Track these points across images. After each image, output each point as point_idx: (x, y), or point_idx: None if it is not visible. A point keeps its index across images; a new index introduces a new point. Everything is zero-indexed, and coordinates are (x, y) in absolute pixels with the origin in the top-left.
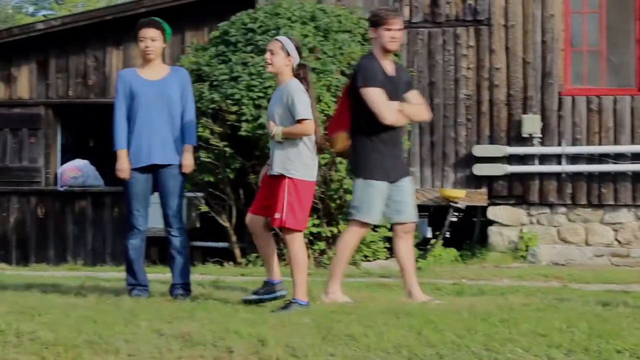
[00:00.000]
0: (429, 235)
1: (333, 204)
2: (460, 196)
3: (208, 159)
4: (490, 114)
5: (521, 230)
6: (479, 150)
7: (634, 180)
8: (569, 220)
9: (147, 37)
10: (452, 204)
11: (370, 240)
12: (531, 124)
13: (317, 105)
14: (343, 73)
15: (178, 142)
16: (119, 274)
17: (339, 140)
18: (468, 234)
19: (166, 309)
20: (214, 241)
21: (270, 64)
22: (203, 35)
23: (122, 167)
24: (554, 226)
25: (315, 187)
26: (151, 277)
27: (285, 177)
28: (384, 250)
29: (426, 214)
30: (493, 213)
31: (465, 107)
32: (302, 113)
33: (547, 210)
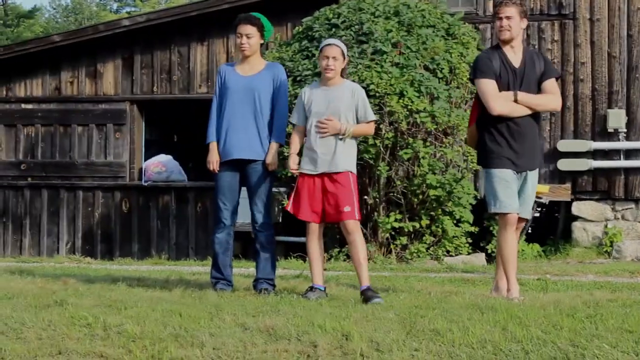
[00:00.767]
0: None
1: (415, 199)
2: (544, 191)
3: None
4: (575, 108)
5: (606, 226)
6: (563, 145)
7: None
8: None
9: (243, 34)
10: (535, 199)
11: (452, 236)
12: (616, 118)
13: (401, 100)
14: (426, 68)
15: (265, 138)
16: (202, 269)
17: (469, 133)
18: (551, 230)
19: (250, 303)
20: (296, 236)
21: (333, 69)
22: (286, 31)
23: (211, 158)
24: (639, 222)
25: (398, 182)
26: (235, 271)
27: (349, 172)
28: (466, 245)
29: None
30: (577, 208)
31: None
32: (373, 115)
33: (632, 205)
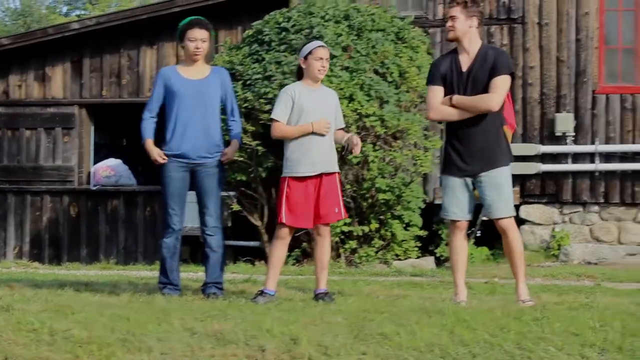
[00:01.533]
0: None
1: (365, 203)
2: None
3: (241, 157)
4: (524, 112)
5: (553, 229)
6: (511, 149)
7: None
8: (601, 218)
9: (198, 38)
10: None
11: (401, 239)
12: (564, 122)
13: (350, 104)
14: (376, 72)
15: (217, 141)
16: (151, 273)
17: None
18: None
19: (199, 308)
20: (245, 240)
21: (326, 71)
22: (236, 35)
23: (154, 154)
24: (587, 225)
25: (348, 186)
26: (183, 276)
27: (335, 173)
28: (415, 249)
29: None
30: (525, 212)
31: None
32: (343, 123)
33: (579, 209)
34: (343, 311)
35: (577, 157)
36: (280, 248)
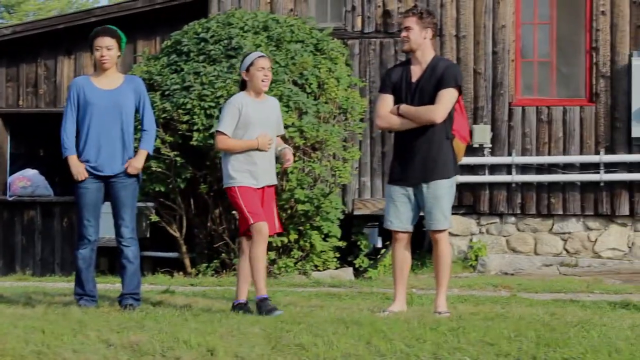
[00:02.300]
0: (379, 244)
1: (284, 214)
2: None
3: (159, 168)
4: None
5: (471, 240)
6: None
7: (583, 190)
8: (518, 229)
9: (102, 46)
10: None
11: (320, 250)
12: (481, 134)
13: None
14: (295, 83)
15: (131, 151)
16: (67, 285)
17: None
18: (418, 244)
19: (115, 319)
20: (163, 251)
21: (269, 80)
22: (155, 45)
23: (77, 170)
24: (504, 236)
25: None
26: (100, 287)
27: (273, 186)
28: (334, 260)
29: (376, 223)
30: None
31: None
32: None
33: (496, 220)
34: (260, 322)
35: (494, 169)
36: (244, 259)
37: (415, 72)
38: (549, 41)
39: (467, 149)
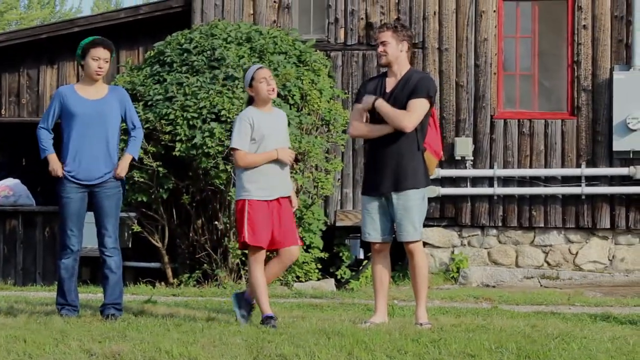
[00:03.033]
0: (361, 256)
1: None
2: None
3: (141, 178)
4: None
5: (452, 252)
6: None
7: (564, 203)
8: (499, 242)
9: (101, 58)
10: None
11: (302, 261)
12: (463, 146)
13: None
14: (278, 94)
15: (114, 162)
16: (49, 294)
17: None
18: (400, 255)
19: (97, 329)
20: (146, 261)
21: (274, 89)
22: (138, 55)
23: (55, 166)
24: (485, 248)
25: None
26: (82, 297)
27: (288, 197)
28: (316, 271)
29: (358, 235)
30: (425, 235)
31: None
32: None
33: (478, 232)
34: (242, 332)
35: (475, 181)
36: (260, 272)
37: (390, 84)
38: (531, 54)
39: (449, 161)
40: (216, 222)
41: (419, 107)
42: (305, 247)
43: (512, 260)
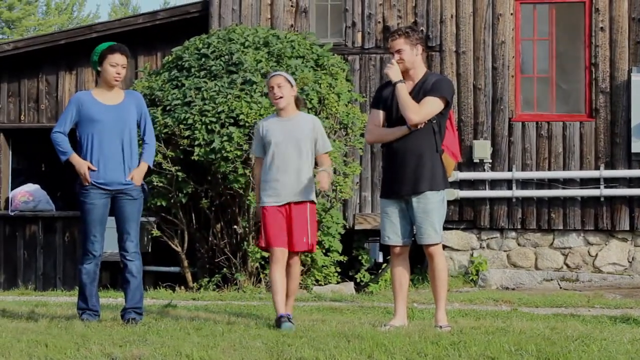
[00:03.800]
0: (380, 259)
1: None
2: None
3: (160, 183)
4: None
5: (472, 255)
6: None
7: (583, 205)
8: (518, 244)
9: (119, 64)
10: None
11: (321, 265)
12: (482, 149)
13: None
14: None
15: (134, 165)
16: (70, 299)
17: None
18: (419, 259)
19: (118, 333)
20: (165, 266)
21: (281, 97)
22: (156, 60)
23: (83, 169)
24: (504, 251)
25: None
26: (102, 301)
27: (307, 202)
28: (335, 274)
29: (377, 238)
30: (444, 237)
31: None
32: (330, 146)
33: (497, 234)
34: (262, 336)
35: (494, 184)
36: (277, 272)
37: (407, 87)
38: (548, 57)
39: (468, 164)
40: (235, 226)
41: (430, 104)
42: (324, 251)
43: (532, 263)
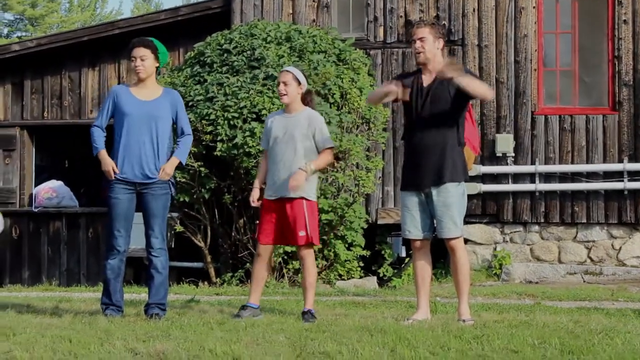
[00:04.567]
0: (403, 254)
1: None
2: None
3: (183, 179)
4: None
5: (495, 249)
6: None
7: (607, 198)
8: (542, 238)
9: (137, 56)
10: None
11: (344, 260)
12: (504, 143)
13: None
14: (318, 93)
15: (163, 163)
16: (93, 294)
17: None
18: (442, 253)
19: (141, 328)
20: (188, 261)
21: (285, 94)
22: (178, 56)
23: (107, 166)
24: (527, 244)
25: None
26: (126, 297)
27: (304, 199)
28: (358, 269)
29: (400, 232)
30: (467, 231)
31: None
32: (331, 142)
33: (520, 228)
34: (285, 330)
35: (517, 178)
36: (258, 265)
37: (426, 80)
38: (571, 50)
39: (491, 158)
40: (258, 221)
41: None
42: (347, 245)
43: (555, 257)
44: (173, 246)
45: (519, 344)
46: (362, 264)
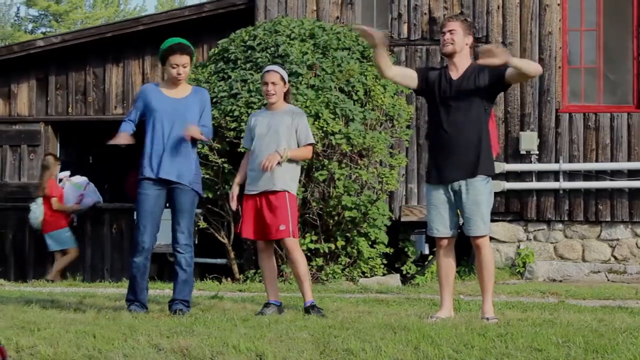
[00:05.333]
0: (427, 251)
1: (331, 221)
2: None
3: (207, 175)
4: None
5: (518, 247)
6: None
7: (631, 196)
8: (565, 236)
9: (179, 64)
10: None
11: (367, 257)
12: (529, 140)
13: (316, 122)
14: (342, 90)
15: (192, 160)
16: (117, 290)
17: None
18: (465, 250)
19: (165, 324)
20: (212, 257)
21: (274, 94)
22: (202, 52)
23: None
24: (551, 242)
25: (314, 204)
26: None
27: (286, 192)
28: (382, 266)
29: (423, 230)
30: (490, 229)
31: None
32: (312, 138)
33: (544, 226)
34: (309, 327)
35: (541, 175)
36: (262, 262)
37: (453, 74)
38: (596, 48)
39: (514, 155)
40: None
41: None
42: (370, 243)
43: (579, 255)
44: (197, 242)
45: (543, 343)
46: (385, 262)
